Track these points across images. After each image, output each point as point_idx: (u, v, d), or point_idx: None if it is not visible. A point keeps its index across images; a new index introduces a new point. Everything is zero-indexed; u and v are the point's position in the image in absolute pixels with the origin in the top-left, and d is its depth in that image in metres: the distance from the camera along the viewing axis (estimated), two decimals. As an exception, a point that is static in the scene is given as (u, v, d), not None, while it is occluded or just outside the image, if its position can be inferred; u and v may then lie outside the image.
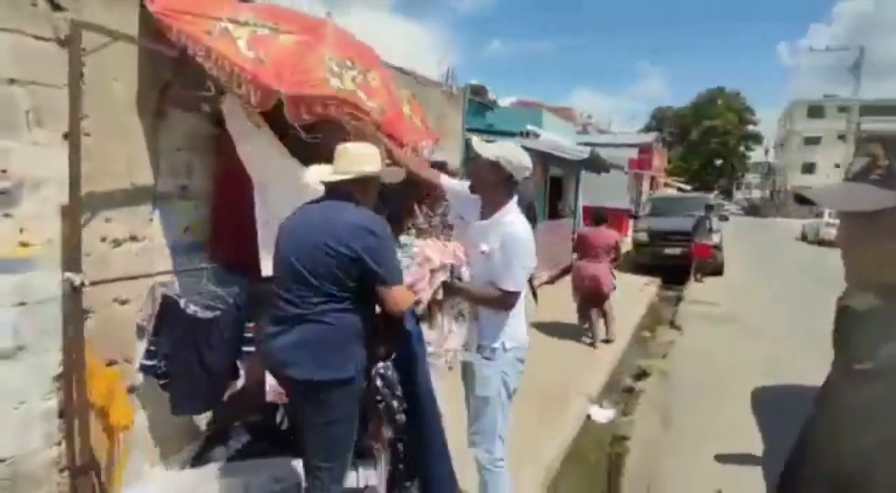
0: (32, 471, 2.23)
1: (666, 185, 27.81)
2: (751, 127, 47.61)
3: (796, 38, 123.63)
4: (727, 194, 48.99)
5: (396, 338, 2.20)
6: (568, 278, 9.64)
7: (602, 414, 4.10)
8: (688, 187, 30.95)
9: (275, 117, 2.48)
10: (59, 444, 2.32)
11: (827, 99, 46.87)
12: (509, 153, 2.33)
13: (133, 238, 2.49)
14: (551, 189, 9.31)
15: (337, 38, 2.61)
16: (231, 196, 2.84)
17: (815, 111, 48.44)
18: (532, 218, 3.54)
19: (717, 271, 10.56)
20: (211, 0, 2.42)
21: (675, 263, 10.34)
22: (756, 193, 56.35)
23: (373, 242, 1.95)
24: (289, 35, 2.43)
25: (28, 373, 2.18)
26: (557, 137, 12.64)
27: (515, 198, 2.38)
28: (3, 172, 2.01)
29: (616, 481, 3.13)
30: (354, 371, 2.00)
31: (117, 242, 2.42)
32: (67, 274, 2.08)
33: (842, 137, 38.83)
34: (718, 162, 45.70)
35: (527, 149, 2.48)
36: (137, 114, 2.42)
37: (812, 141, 47.89)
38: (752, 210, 43.26)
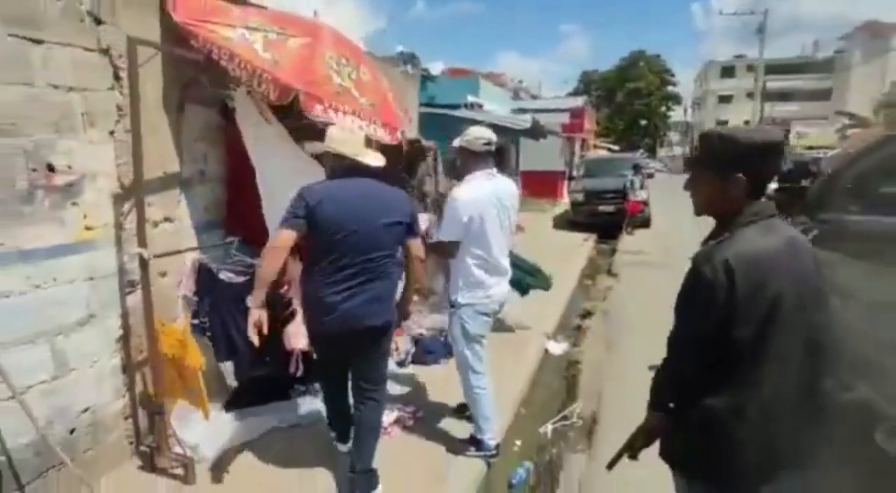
0: (105, 418, 2.67)
1: (596, 146, 29.20)
2: (671, 88, 50.23)
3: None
4: (652, 152, 51.73)
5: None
6: (514, 239, 10.44)
7: (557, 347, 4.87)
8: (616, 147, 32.59)
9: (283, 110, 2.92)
10: (124, 396, 2.76)
11: (737, 59, 50.07)
12: (466, 133, 2.88)
13: (167, 219, 2.88)
14: (495, 156, 9.93)
15: (332, 39, 3.04)
16: (238, 179, 3.27)
17: (727, 71, 51.69)
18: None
19: (646, 223, 11.70)
20: (223, 7, 2.78)
21: (609, 219, 11.35)
22: (677, 150, 59.82)
23: (413, 208, 2.57)
24: (295, 39, 2.84)
25: (98, 337, 2.59)
26: (495, 106, 13.25)
27: (482, 171, 2.86)
28: (69, 167, 2.37)
29: (573, 393, 3.90)
30: None
31: (155, 224, 2.80)
32: (138, 250, 2.49)
33: (750, 95, 41.96)
34: (643, 122, 48.19)
35: (475, 121, 3.07)
36: (164, 111, 2.78)
37: (725, 99, 51.21)
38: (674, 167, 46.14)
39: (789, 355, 1.40)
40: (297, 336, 3.19)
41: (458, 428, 3.18)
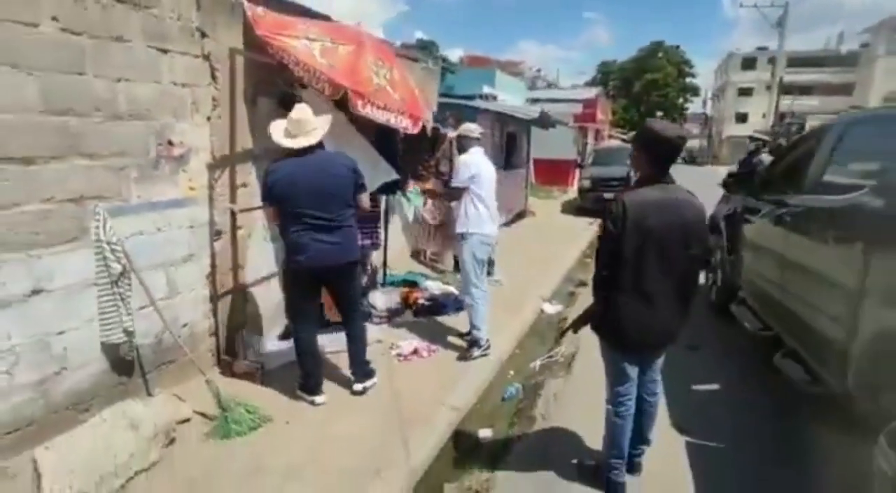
0: (198, 333, 3.54)
1: (610, 136, 29.60)
2: (689, 79, 50.06)
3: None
4: (668, 144, 51.49)
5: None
6: (524, 222, 11.20)
7: (551, 308, 5.68)
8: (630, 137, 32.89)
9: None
10: (209, 318, 3.63)
11: (759, 51, 49.57)
12: (463, 126, 4.12)
13: (244, 185, 3.71)
14: (508, 144, 10.67)
15: (371, 45, 3.85)
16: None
17: (749, 63, 51.10)
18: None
19: (648, 211, 12.36)
20: (290, 21, 3.59)
21: (614, 205, 12.02)
22: (695, 143, 59.65)
23: (357, 166, 3.24)
24: (344, 46, 3.65)
25: (195, 271, 3.45)
26: (510, 96, 13.94)
27: (475, 148, 4.04)
28: (181, 143, 3.22)
29: (559, 340, 4.72)
30: None
31: (235, 188, 3.65)
32: (230, 205, 3.35)
33: (770, 88, 41.82)
34: (660, 114, 48.13)
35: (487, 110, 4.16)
36: (244, 102, 3.60)
37: (745, 92, 50.74)
38: (691, 159, 46.17)
39: (665, 269, 2.20)
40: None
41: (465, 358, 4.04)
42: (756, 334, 3.68)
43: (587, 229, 11.03)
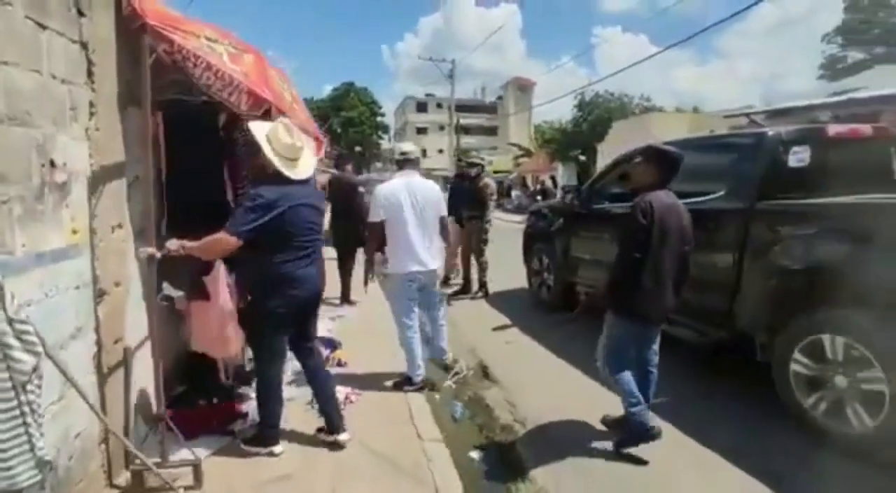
0: (89, 445, 2.40)
1: (323, 171, 30.54)
2: (380, 118, 55.48)
3: (396, 42, 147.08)
4: (363, 177, 55.85)
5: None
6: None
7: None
8: (335, 171, 34.53)
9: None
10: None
11: (428, 97, 58.78)
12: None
13: (119, 225, 2.67)
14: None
15: (267, 60, 3.31)
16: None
17: (421, 106, 60.21)
18: None
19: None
20: (176, 14, 2.82)
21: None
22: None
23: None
24: (247, 54, 3.05)
25: (83, 352, 2.38)
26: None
27: (400, 173, 3.93)
28: (64, 164, 2.19)
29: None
30: None
31: (112, 229, 2.61)
32: (149, 249, 2.41)
33: (441, 128, 50.25)
34: (358, 148, 51.86)
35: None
36: (122, 110, 2.63)
37: (422, 131, 59.46)
38: (389, 190, 51.01)
39: (672, 257, 2.74)
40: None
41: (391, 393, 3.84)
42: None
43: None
